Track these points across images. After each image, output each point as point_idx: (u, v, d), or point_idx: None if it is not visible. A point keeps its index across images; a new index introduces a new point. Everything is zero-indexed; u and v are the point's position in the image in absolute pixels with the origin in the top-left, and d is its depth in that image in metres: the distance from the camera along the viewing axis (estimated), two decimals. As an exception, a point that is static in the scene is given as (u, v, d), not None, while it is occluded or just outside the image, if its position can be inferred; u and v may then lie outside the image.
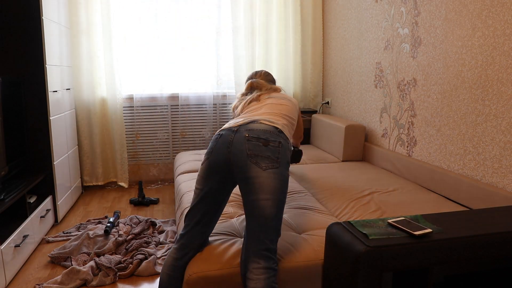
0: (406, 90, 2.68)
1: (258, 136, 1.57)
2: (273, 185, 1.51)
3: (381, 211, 2.04)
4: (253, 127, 1.61)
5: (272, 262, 1.50)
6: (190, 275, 1.55)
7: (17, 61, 2.78)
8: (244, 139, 1.56)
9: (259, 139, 1.56)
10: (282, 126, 1.69)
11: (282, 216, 1.56)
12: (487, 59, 2.00)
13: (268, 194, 1.50)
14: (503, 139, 1.93)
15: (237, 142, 1.57)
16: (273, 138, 1.58)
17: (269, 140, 1.56)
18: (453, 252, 1.28)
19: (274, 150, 1.55)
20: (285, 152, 1.59)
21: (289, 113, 1.86)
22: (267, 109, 1.82)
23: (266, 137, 1.57)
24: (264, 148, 1.54)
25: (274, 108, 1.84)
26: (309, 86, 4.09)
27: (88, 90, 3.69)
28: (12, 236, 2.23)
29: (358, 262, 1.21)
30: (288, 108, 1.90)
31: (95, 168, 3.81)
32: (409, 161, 2.60)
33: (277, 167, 1.54)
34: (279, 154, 1.56)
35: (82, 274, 2.19)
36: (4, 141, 2.40)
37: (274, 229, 1.52)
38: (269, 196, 1.51)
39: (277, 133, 1.61)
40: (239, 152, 1.55)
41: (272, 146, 1.56)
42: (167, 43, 3.84)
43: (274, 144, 1.57)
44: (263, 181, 1.51)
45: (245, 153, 1.53)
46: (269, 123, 1.65)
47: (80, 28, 3.59)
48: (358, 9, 3.30)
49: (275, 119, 1.72)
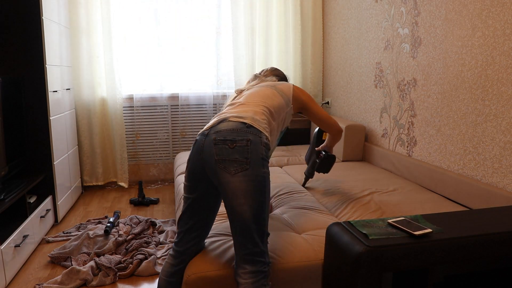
0: (406, 90, 2.68)
1: (224, 138, 1.48)
2: (245, 189, 1.43)
3: (381, 211, 2.04)
4: (220, 127, 1.52)
5: (260, 265, 1.45)
6: (189, 275, 1.55)
7: (17, 61, 2.78)
8: (212, 143, 1.48)
9: (225, 141, 1.47)
10: (253, 118, 1.56)
11: (265, 216, 1.48)
12: (487, 59, 2.00)
13: (242, 199, 1.43)
14: (503, 139, 1.93)
15: (207, 147, 1.49)
16: (240, 136, 1.47)
17: (235, 141, 1.46)
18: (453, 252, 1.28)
19: (242, 150, 1.45)
20: (256, 149, 1.47)
21: (268, 100, 1.72)
22: (242, 101, 1.71)
23: (233, 137, 1.47)
24: (231, 150, 1.45)
25: (249, 98, 1.72)
26: (309, 86, 4.09)
27: (88, 90, 3.69)
28: (12, 236, 2.23)
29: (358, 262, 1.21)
30: (268, 94, 1.75)
31: (95, 168, 3.81)
32: (409, 161, 2.60)
33: (247, 169, 1.44)
34: (249, 153, 1.45)
35: (82, 274, 2.19)
36: (4, 141, 2.39)
37: (256, 232, 1.46)
38: (243, 200, 1.44)
39: (245, 129, 1.50)
40: (209, 158, 1.48)
41: (239, 147, 1.45)
42: (167, 43, 3.84)
43: (241, 143, 1.46)
44: (234, 186, 1.44)
45: (214, 158, 1.46)
46: (237, 119, 1.54)
47: (80, 28, 3.59)
48: (358, 9, 3.30)
49: (244, 113, 1.59)
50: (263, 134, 1.53)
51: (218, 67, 3.95)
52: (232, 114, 1.57)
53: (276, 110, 1.71)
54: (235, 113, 1.59)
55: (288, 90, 1.85)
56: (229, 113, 1.60)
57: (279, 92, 1.79)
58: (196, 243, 1.61)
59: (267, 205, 1.50)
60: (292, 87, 1.88)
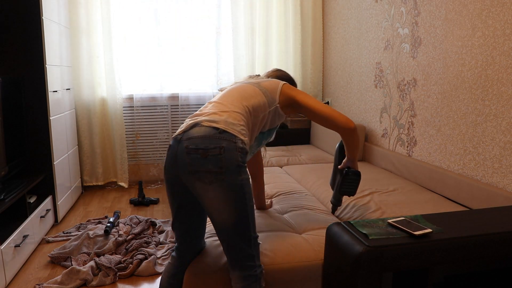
0: (406, 90, 2.68)
1: (196, 147, 1.38)
2: (223, 198, 1.38)
3: (381, 211, 2.04)
4: (193, 133, 1.42)
5: (249, 269, 1.43)
6: (189, 276, 1.55)
7: (17, 61, 2.78)
8: (184, 152, 1.40)
9: (197, 150, 1.38)
10: (226, 122, 1.44)
11: (248, 221, 1.42)
12: (487, 59, 2.00)
13: (221, 208, 1.39)
14: (503, 139, 1.93)
15: (180, 156, 1.41)
16: (213, 144, 1.38)
17: (207, 149, 1.37)
18: (453, 252, 1.28)
19: (215, 159, 1.36)
20: (231, 156, 1.38)
21: (246, 98, 1.58)
22: (218, 99, 1.58)
23: (205, 145, 1.38)
24: (204, 160, 1.37)
25: (226, 97, 1.58)
26: (309, 86, 4.09)
27: (88, 90, 3.69)
28: (12, 236, 2.23)
29: (358, 262, 1.21)
30: (247, 92, 1.61)
31: (95, 168, 3.81)
32: (409, 161, 2.60)
33: (222, 179, 1.36)
34: (222, 162, 1.37)
35: (82, 274, 2.19)
36: (4, 141, 2.39)
37: (241, 238, 1.42)
38: (222, 210, 1.39)
39: (217, 135, 1.40)
40: (182, 168, 1.41)
41: (212, 156, 1.37)
42: (167, 43, 3.84)
43: (214, 152, 1.37)
44: (211, 197, 1.38)
45: (187, 169, 1.39)
46: (209, 123, 1.43)
47: (80, 28, 3.59)
48: (358, 9, 3.30)
49: (218, 115, 1.47)
50: (238, 138, 1.42)
51: (218, 67, 3.95)
52: (205, 118, 1.47)
53: (255, 109, 1.58)
54: (208, 116, 1.48)
55: (274, 87, 1.68)
56: (202, 115, 1.50)
57: (261, 90, 1.64)
58: (195, 243, 1.60)
59: (250, 210, 1.44)
60: (282, 84, 1.71)
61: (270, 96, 1.64)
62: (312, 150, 3.50)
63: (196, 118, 1.50)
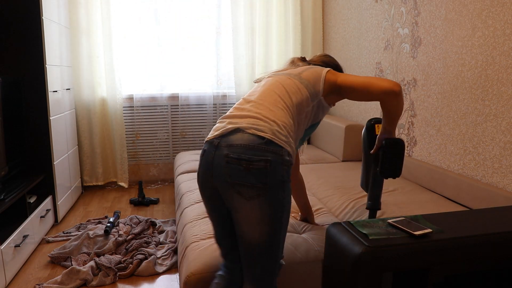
0: (406, 90, 2.68)
1: (239, 157, 1.24)
2: (260, 216, 1.26)
3: (381, 211, 2.04)
4: (234, 140, 1.27)
5: (265, 287, 1.34)
6: (189, 276, 1.55)
7: (17, 61, 2.78)
8: (223, 161, 1.26)
9: (240, 161, 1.24)
10: (273, 130, 1.29)
11: (279, 240, 1.32)
12: (487, 59, 2.00)
13: (255, 225, 1.27)
14: (503, 139, 1.93)
15: (217, 165, 1.28)
16: (258, 156, 1.24)
17: (252, 161, 1.23)
18: (453, 252, 1.27)
19: (259, 173, 1.24)
20: (276, 171, 1.26)
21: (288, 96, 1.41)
22: (258, 100, 1.40)
23: (249, 156, 1.24)
24: (246, 173, 1.23)
25: (266, 95, 1.40)
26: (309, 86, 4.09)
27: (88, 90, 3.69)
28: (12, 236, 2.23)
29: (358, 262, 1.21)
30: (289, 88, 1.42)
31: (95, 168, 3.81)
32: (409, 161, 2.60)
33: (265, 195, 1.24)
34: (267, 177, 1.24)
35: (82, 274, 2.19)
36: (4, 141, 2.39)
37: (267, 257, 1.32)
38: (255, 226, 1.27)
39: (263, 147, 1.25)
40: (220, 178, 1.28)
41: (256, 169, 1.23)
42: (167, 43, 3.84)
43: (258, 165, 1.23)
44: (247, 214, 1.26)
45: (226, 179, 1.26)
46: (255, 131, 1.28)
47: (80, 28, 3.59)
48: (358, 9, 3.30)
49: (262, 120, 1.32)
50: (284, 150, 1.28)
51: (218, 67, 3.95)
52: (248, 123, 1.30)
53: (299, 107, 1.41)
54: (250, 120, 1.32)
55: (317, 77, 1.47)
56: (243, 119, 1.33)
57: (303, 83, 1.45)
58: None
59: (284, 229, 1.32)
60: (325, 72, 1.49)
61: (313, 88, 1.46)
62: (312, 150, 3.50)
63: (235, 121, 1.33)
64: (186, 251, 1.72)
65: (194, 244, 1.73)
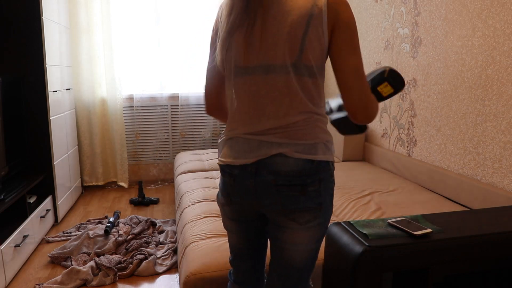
0: (406, 90, 2.68)
1: (290, 183, 1.07)
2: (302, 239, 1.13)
3: (381, 211, 2.04)
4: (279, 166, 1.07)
5: None
6: (188, 276, 1.55)
7: (17, 61, 2.78)
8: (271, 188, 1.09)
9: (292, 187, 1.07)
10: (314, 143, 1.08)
11: (314, 263, 1.20)
12: (487, 59, 2.00)
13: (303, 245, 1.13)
14: (503, 139, 1.93)
15: (262, 192, 1.10)
16: (309, 179, 1.07)
17: (305, 185, 1.07)
18: (453, 252, 1.28)
19: (313, 196, 1.09)
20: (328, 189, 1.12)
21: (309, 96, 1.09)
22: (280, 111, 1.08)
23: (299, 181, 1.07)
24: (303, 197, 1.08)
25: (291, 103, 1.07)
26: (309, 86, 4.09)
27: (88, 90, 3.69)
28: (12, 236, 2.23)
29: (358, 262, 1.21)
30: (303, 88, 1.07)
31: (95, 168, 3.81)
32: (409, 161, 2.60)
33: (316, 218, 1.10)
34: (321, 198, 1.10)
35: (82, 274, 2.19)
36: (4, 141, 2.39)
37: (306, 281, 1.21)
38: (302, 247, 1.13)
39: (307, 168, 1.07)
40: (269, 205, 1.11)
41: (311, 192, 1.08)
42: (167, 43, 3.84)
43: (313, 187, 1.08)
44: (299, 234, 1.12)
45: (278, 207, 1.09)
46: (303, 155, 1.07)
47: (80, 28, 3.59)
48: (358, 9, 3.30)
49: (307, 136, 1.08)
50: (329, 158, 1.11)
51: (218, 67, 3.95)
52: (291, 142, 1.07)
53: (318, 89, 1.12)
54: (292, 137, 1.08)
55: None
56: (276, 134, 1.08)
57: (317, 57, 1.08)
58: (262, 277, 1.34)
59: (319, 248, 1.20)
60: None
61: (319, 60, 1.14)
62: (312, 150, 3.50)
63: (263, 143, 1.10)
64: (186, 251, 1.72)
65: (194, 244, 1.73)
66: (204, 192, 2.38)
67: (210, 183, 2.59)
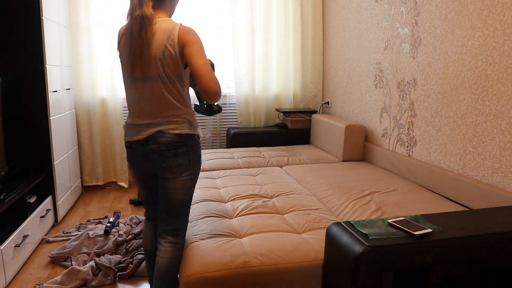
0: (406, 90, 2.68)
1: (167, 149, 1.62)
2: (178, 187, 1.67)
3: (381, 211, 2.04)
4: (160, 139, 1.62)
5: (179, 237, 1.73)
6: (188, 276, 1.55)
7: (17, 61, 2.78)
8: (156, 153, 1.63)
9: (166, 150, 1.62)
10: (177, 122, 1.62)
11: (190, 204, 1.74)
12: (487, 59, 2.00)
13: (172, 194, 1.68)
14: (503, 139, 1.93)
15: (150, 156, 1.65)
16: (181, 143, 1.62)
17: (176, 147, 1.62)
18: (453, 252, 1.28)
19: (184, 155, 1.63)
20: (195, 151, 1.66)
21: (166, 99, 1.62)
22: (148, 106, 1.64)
23: (173, 145, 1.62)
24: (177, 157, 1.63)
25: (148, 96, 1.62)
26: (309, 86, 4.09)
27: (88, 90, 3.69)
28: (12, 236, 2.23)
29: (358, 262, 1.21)
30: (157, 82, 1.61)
31: (95, 168, 3.81)
32: (409, 161, 2.60)
33: (186, 170, 1.65)
34: (190, 156, 1.65)
35: (82, 274, 2.19)
36: (4, 141, 2.40)
37: (183, 218, 1.73)
38: (175, 194, 1.68)
39: (178, 138, 1.62)
40: (156, 165, 1.65)
41: (182, 153, 1.63)
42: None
43: (183, 149, 1.63)
44: (177, 182, 1.66)
45: (162, 165, 1.64)
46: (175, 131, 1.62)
47: (80, 28, 3.59)
48: (358, 9, 3.30)
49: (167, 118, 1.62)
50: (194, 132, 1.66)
51: (218, 67, 3.95)
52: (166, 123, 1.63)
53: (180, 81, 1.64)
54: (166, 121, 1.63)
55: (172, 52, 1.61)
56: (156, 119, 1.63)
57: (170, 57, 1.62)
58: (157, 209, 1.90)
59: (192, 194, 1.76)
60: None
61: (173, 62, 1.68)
62: (312, 150, 3.50)
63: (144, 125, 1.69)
64: (186, 251, 1.72)
65: (194, 244, 1.73)
66: (204, 192, 2.38)
67: (210, 183, 2.59)
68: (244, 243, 1.71)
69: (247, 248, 1.66)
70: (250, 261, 1.58)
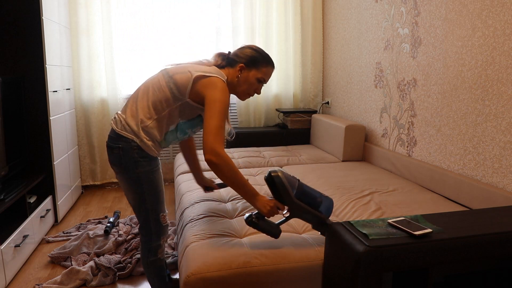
0: (406, 90, 2.68)
1: (108, 144, 1.68)
2: (125, 187, 1.70)
3: (381, 211, 2.04)
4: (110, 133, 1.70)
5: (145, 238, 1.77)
6: (188, 276, 1.55)
7: (17, 61, 2.78)
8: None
9: (108, 147, 1.68)
10: (123, 124, 1.64)
11: (146, 206, 1.71)
12: (487, 59, 2.00)
13: (126, 193, 1.72)
14: (503, 139, 1.93)
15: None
16: (115, 144, 1.64)
17: (112, 147, 1.65)
18: (453, 252, 1.28)
19: (117, 156, 1.64)
20: (128, 155, 1.63)
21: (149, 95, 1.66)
22: (131, 97, 1.75)
23: (111, 143, 1.66)
24: (112, 156, 1.66)
25: (138, 92, 1.72)
26: (309, 86, 4.09)
27: (88, 90, 3.69)
28: (12, 236, 2.23)
29: (358, 262, 1.21)
30: (155, 85, 1.67)
31: (95, 168, 3.81)
32: (409, 161, 2.60)
33: (123, 172, 1.66)
34: (122, 159, 1.63)
35: (82, 274, 2.19)
36: (4, 141, 2.39)
37: (140, 218, 1.74)
38: (127, 193, 1.72)
39: (116, 137, 1.65)
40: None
41: (115, 153, 1.65)
42: (167, 43, 3.84)
43: (116, 151, 1.64)
44: (121, 183, 1.72)
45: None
46: (113, 125, 1.68)
47: (80, 28, 3.59)
48: (358, 9, 3.30)
49: (120, 117, 1.68)
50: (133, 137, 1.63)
51: (218, 67, 3.95)
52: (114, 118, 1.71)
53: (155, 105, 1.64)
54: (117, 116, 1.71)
55: (185, 82, 1.63)
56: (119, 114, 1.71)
57: (168, 85, 1.64)
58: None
59: (148, 197, 1.70)
60: (193, 78, 1.62)
61: (178, 91, 1.64)
62: (312, 150, 3.50)
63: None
64: (186, 251, 1.72)
65: (194, 244, 1.73)
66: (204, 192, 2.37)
67: (210, 183, 2.59)
68: (244, 243, 1.71)
69: (247, 248, 1.66)
70: (251, 261, 1.58)
